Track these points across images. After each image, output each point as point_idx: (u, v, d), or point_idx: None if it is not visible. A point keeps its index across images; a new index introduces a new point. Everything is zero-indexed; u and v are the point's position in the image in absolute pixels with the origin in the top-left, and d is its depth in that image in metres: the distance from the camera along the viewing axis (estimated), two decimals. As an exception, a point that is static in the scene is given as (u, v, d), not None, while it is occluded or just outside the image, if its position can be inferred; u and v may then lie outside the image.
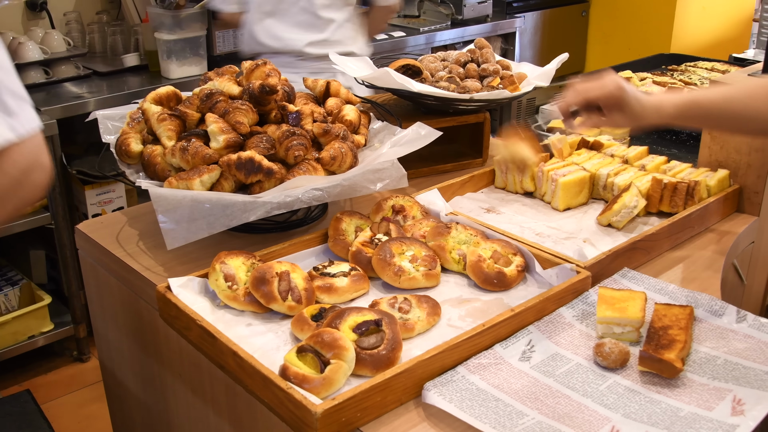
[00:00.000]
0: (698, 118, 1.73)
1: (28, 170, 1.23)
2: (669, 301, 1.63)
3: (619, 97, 1.69)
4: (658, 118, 1.71)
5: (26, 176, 1.24)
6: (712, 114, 1.70)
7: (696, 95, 1.72)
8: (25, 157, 1.22)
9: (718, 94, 1.70)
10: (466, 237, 1.81)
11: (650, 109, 1.70)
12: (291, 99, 1.98)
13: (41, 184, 1.28)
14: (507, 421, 1.30)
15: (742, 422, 1.27)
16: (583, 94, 1.73)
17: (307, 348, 1.39)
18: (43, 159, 1.26)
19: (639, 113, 1.70)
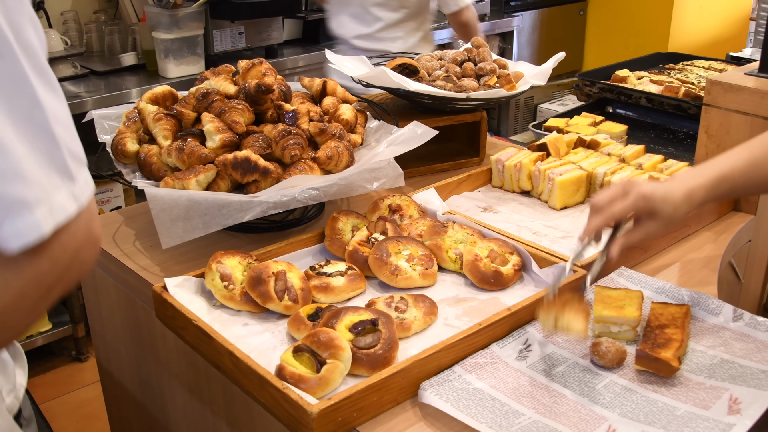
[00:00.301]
0: (726, 193, 1.60)
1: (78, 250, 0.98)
2: (666, 299, 1.63)
3: (648, 207, 1.54)
4: (689, 209, 1.56)
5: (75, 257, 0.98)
6: (739, 185, 1.58)
7: (722, 169, 1.56)
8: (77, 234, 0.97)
9: (741, 160, 1.57)
10: (463, 236, 1.81)
11: (682, 204, 1.54)
12: (287, 98, 1.98)
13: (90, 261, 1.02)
14: (503, 421, 1.30)
15: (738, 421, 1.27)
16: (609, 216, 1.56)
17: (304, 348, 1.39)
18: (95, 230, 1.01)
19: (672, 213, 1.54)
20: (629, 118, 3.20)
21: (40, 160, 0.92)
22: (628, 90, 3.20)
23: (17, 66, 0.90)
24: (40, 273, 0.94)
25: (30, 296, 0.95)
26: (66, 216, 0.93)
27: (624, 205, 1.54)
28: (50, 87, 0.95)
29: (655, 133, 3.10)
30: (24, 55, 0.91)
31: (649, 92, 3.15)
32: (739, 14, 5.85)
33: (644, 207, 1.54)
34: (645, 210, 1.54)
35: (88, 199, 0.99)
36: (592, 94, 3.32)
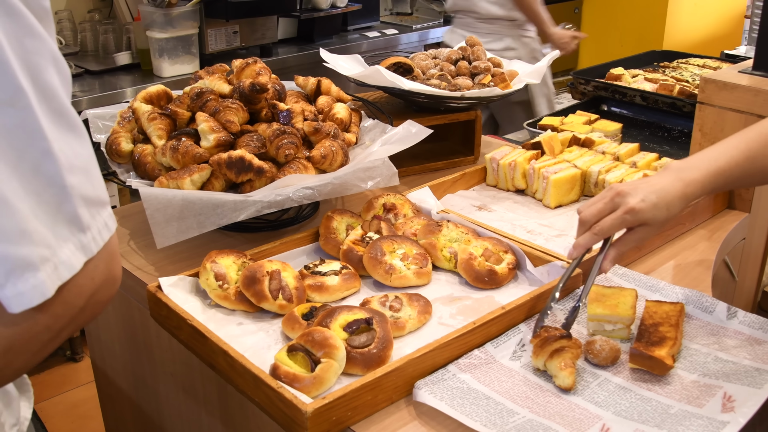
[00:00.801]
0: (723, 187, 1.58)
1: (98, 288, 0.96)
2: (660, 298, 1.63)
3: (638, 221, 1.50)
4: (684, 206, 1.54)
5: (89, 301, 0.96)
6: (735, 178, 1.55)
7: (719, 163, 1.53)
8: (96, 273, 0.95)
9: (738, 152, 1.53)
10: (457, 235, 1.81)
11: (677, 204, 1.51)
12: (282, 97, 1.98)
13: (106, 301, 0.99)
14: (498, 420, 1.30)
15: (732, 419, 1.27)
16: (597, 233, 1.53)
17: (298, 347, 1.39)
18: (114, 271, 0.98)
19: (666, 216, 1.51)
20: (624, 116, 3.20)
21: (47, 215, 0.89)
22: (623, 88, 3.20)
23: (30, 116, 0.87)
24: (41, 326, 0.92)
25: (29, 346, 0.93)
26: (71, 272, 0.90)
27: (612, 223, 1.51)
28: (69, 128, 0.92)
29: (649, 131, 3.10)
30: (40, 101, 0.88)
31: (643, 90, 3.15)
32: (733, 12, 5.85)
33: (633, 221, 1.50)
34: (635, 223, 1.51)
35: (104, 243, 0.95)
36: (587, 92, 3.33)
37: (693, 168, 1.53)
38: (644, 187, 1.51)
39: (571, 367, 1.39)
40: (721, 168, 1.53)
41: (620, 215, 1.50)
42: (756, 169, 1.54)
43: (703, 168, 1.53)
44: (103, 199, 0.96)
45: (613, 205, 1.52)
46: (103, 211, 0.96)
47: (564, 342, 1.42)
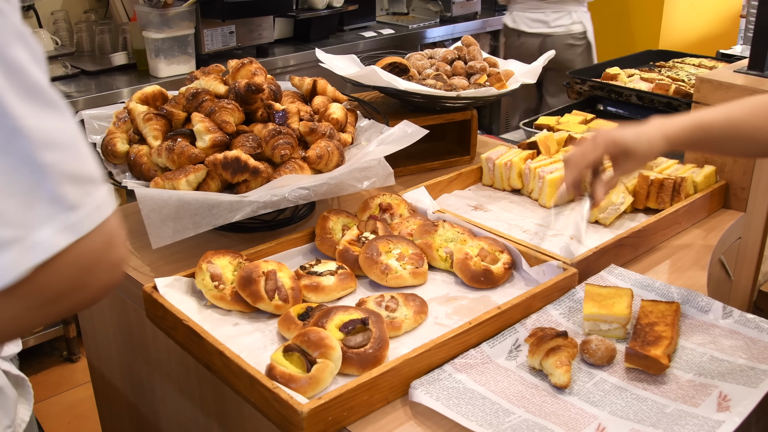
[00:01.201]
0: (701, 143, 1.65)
1: (90, 269, 0.91)
2: (655, 297, 1.64)
3: (619, 150, 1.63)
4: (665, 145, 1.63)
5: (88, 276, 0.91)
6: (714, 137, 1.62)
7: (700, 117, 1.63)
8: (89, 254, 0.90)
9: (721, 114, 1.62)
10: (453, 235, 1.81)
11: (657, 141, 1.62)
12: (277, 97, 1.98)
13: (107, 285, 0.95)
14: (493, 419, 1.30)
15: (727, 418, 1.27)
16: (584, 166, 1.67)
17: (294, 347, 1.39)
18: (113, 255, 0.93)
19: (646, 151, 1.62)
20: (620, 115, 3.20)
21: (20, 194, 0.84)
22: (619, 88, 3.20)
23: None
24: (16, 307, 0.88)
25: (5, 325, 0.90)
26: (48, 253, 0.85)
27: (596, 154, 1.65)
28: (46, 104, 0.87)
29: (645, 130, 3.10)
30: (5, 78, 0.84)
31: (639, 90, 3.15)
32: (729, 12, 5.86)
33: (616, 150, 1.63)
34: (618, 152, 1.63)
35: (99, 223, 0.89)
36: (583, 91, 3.33)
37: (673, 119, 1.64)
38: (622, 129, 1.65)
39: (567, 366, 1.39)
40: (703, 122, 1.62)
41: (602, 147, 1.64)
42: (737, 134, 1.61)
43: (684, 119, 1.64)
44: (93, 176, 0.91)
45: (596, 144, 1.65)
46: (97, 189, 0.90)
47: (559, 341, 1.42)
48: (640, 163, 1.66)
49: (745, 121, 1.60)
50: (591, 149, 1.66)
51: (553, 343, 1.41)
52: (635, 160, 1.64)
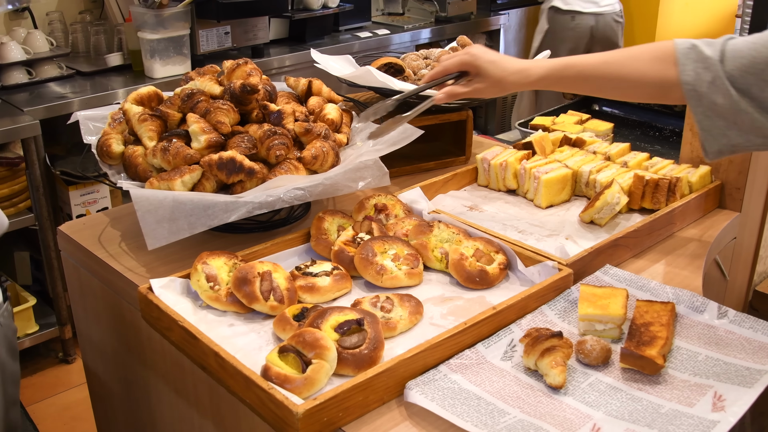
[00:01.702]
0: (572, 81, 1.72)
1: None
2: (651, 297, 1.64)
3: (471, 63, 1.75)
4: (522, 80, 1.72)
5: None
6: (587, 76, 1.69)
7: (570, 59, 1.71)
8: None
9: (596, 57, 1.69)
10: (449, 235, 1.81)
11: (513, 72, 1.72)
12: (272, 98, 1.98)
13: None
14: (489, 420, 1.30)
15: (722, 418, 1.27)
16: (443, 65, 1.81)
17: (289, 348, 1.39)
18: None
19: (498, 77, 1.73)
20: (615, 115, 3.21)
21: None
22: (614, 88, 3.20)
23: None
24: None
25: None
26: None
27: (452, 60, 1.79)
28: None
29: (641, 130, 3.11)
30: None
31: (634, 90, 3.15)
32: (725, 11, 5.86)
33: (469, 62, 1.75)
34: (470, 66, 1.76)
35: None
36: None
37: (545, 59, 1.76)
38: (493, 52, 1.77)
39: (562, 366, 1.39)
40: (572, 62, 1.70)
41: (460, 54, 1.78)
42: (610, 74, 1.67)
43: (554, 60, 1.73)
44: None
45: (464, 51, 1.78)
46: None
47: (555, 341, 1.42)
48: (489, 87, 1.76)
49: (623, 63, 1.66)
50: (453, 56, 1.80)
51: (548, 344, 1.41)
52: (485, 82, 1.76)
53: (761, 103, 1.51)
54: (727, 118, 1.54)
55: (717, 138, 1.57)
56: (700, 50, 1.56)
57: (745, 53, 1.52)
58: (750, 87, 1.51)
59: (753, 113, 1.51)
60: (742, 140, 1.55)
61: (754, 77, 1.50)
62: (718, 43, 1.56)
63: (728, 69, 1.52)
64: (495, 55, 1.75)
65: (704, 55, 1.55)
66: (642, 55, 1.64)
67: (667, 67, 1.59)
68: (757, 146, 1.57)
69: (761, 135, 1.54)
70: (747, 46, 1.52)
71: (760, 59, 1.50)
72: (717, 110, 1.54)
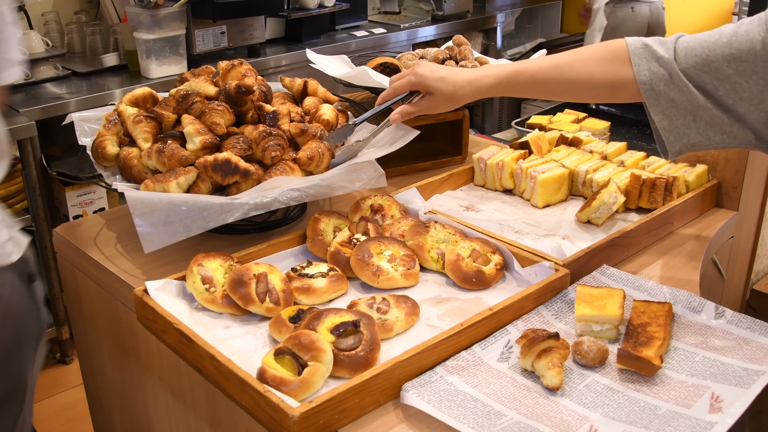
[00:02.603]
0: (523, 87, 1.73)
1: None
2: (647, 298, 1.63)
3: (419, 83, 1.76)
4: (474, 91, 1.73)
5: None
6: (538, 81, 1.70)
7: (521, 64, 1.72)
8: None
9: (546, 61, 1.70)
10: (445, 236, 1.80)
11: (464, 85, 1.72)
12: (268, 99, 1.97)
13: None
14: (485, 422, 1.30)
15: (720, 419, 1.27)
16: (392, 87, 1.82)
17: (285, 350, 1.39)
18: None
19: (449, 92, 1.74)
20: (612, 114, 3.21)
21: None
22: (611, 86, 3.20)
23: None
24: None
25: None
26: None
27: (401, 82, 1.80)
28: None
29: (638, 129, 3.10)
30: None
31: (631, 88, 3.15)
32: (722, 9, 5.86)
33: (418, 83, 1.76)
34: (420, 86, 1.77)
35: None
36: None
37: (495, 67, 1.75)
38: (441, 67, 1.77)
39: (559, 367, 1.39)
40: (522, 69, 1.71)
41: (407, 77, 1.79)
42: (560, 77, 1.68)
43: (504, 68, 1.73)
44: None
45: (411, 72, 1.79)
46: None
47: (551, 342, 1.41)
48: (441, 102, 1.77)
49: (572, 66, 1.67)
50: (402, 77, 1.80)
51: (545, 345, 1.41)
52: (437, 99, 1.77)
53: (717, 100, 1.53)
54: (686, 114, 1.56)
55: (677, 138, 1.60)
56: (653, 49, 1.58)
57: (698, 51, 1.54)
58: (705, 85, 1.54)
59: (711, 109, 1.54)
60: (701, 138, 1.58)
61: (709, 75, 1.53)
62: (670, 42, 1.58)
63: (683, 66, 1.55)
64: (443, 71, 1.75)
65: (658, 54, 1.57)
66: (591, 57, 1.65)
67: (618, 67, 1.61)
68: (716, 143, 1.59)
69: (720, 131, 1.56)
70: (700, 44, 1.54)
71: (714, 58, 1.52)
72: (675, 107, 1.56)
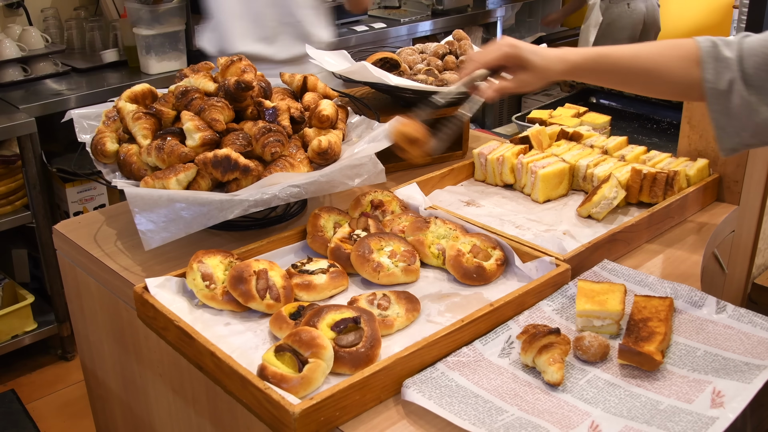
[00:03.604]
0: (605, 71, 1.70)
1: None
2: (649, 292, 1.63)
3: (515, 54, 1.68)
4: (564, 68, 1.69)
5: None
6: (619, 68, 1.67)
7: (603, 48, 1.69)
8: None
9: (627, 50, 1.67)
10: (446, 231, 1.80)
11: (554, 60, 1.68)
12: (267, 95, 1.97)
13: None
14: (486, 418, 1.29)
15: (721, 414, 1.26)
16: (480, 60, 1.73)
17: (285, 347, 1.38)
18: None
19: (543, 66, 1.68)
20: (613, 108, 3.20)
21: None
22: (612, 80, 3.19)
23: None
24: None
25: None
26: None
27: (494, 55, 1.70)
28: None
29: (638, 123, 3.10)
30: None
31: (632, 82, 3.14)
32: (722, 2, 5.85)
33: (512, 54, 1.67)
34: (513, 58, 1.68)
35: None
36: (576, 84, 3.32)
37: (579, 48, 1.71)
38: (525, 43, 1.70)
39: (560, 362, 1.39)
40: (608, 52, 1.67)
41: (499, 46, 1.69)
42: (639, 68, 1.65)
43: (589, 49, 1.70)
44: None
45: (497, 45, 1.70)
46: None
47: (552, 338, 1.41)
48: (534, 76, 1.69)
49: (651, 58, 1.63)
50: (492, 50, 1.71)
51: (546, 340, 1.41)
52: (531, 73, 1.68)
53: None
54: (741, 118, 1.54)
55: (731, 136, 1.57)
56: (719, 50, 1.56)
57: (758, 51, 1.52)
58: (764, 83, 1.52)
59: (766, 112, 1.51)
60: (755, 141, 1.57)
61: None
62: (735, 43, 1.56)
63: (745, 68, 1.53)
64: (532, 45, 1.70)
65: (724, 55, 1.55)
66: (669, 52, 1.62)
67: (691, 66, 1.59)
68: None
69: None
70: (761, 44, 1.53)
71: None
72: (732, 110, 1.54)
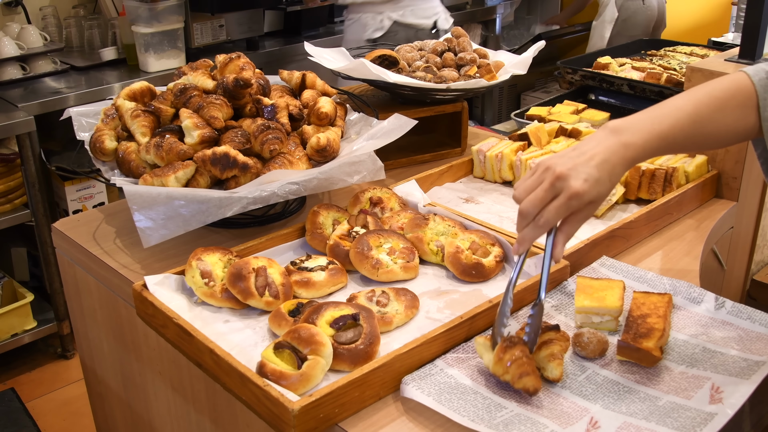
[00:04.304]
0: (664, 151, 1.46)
1: None
2: (647, 289, 1.63)
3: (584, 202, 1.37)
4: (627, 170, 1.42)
5: None
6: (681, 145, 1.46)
7: (662, 127, 1.42)
8: None
9: (684, 116, 1.43)
10: (444, 228, 1.80)
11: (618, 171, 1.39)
12: (266, 92, 1.97)
13: None
14: (485, 414, 1.29)
15: (720, 410, 1.27)
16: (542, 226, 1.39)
17: (285, 344, 1.39)
18: None
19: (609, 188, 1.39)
20: (612, 105, 3.20)
21: None
22: (610, 77, 3.20)
23: None
24: None
25: None
26: None
27: (557, 212, 1.37)
28: None
29: (637, 120, 3.09)
30: None
31: (631, 79, 3.15)
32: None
33: (579, 205, 1.37)
34: (581, 207, 1.38)
35: None
36: (575, 81, 3.32)
37: (634, 130, 1.42)
38: (582, 161, 1.37)
39: (559, 359, 1.39)
40: (664, 132, 1.42)
41: (564, 202, 1.36)
42: (700, 134, 1.44)
43: (645, 130, 1.42)
44: None
45: (554, 191, 1.37)
46: None
47: (551, 334, 1.41)
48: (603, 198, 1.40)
49: (710, 118, 1.44)
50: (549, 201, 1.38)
51: (545, 337, 1.41)
52: (596, 204, 1.40)
53: None
54: None
55: None
56: None
57: None
58: None
59: None
60: None
61: None
62: None
63: None
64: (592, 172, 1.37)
65: None
66: (728, 103, 1.44)
67: (749, 113, 1.45)
68: None
69: None
70: None
71: None
72: None
